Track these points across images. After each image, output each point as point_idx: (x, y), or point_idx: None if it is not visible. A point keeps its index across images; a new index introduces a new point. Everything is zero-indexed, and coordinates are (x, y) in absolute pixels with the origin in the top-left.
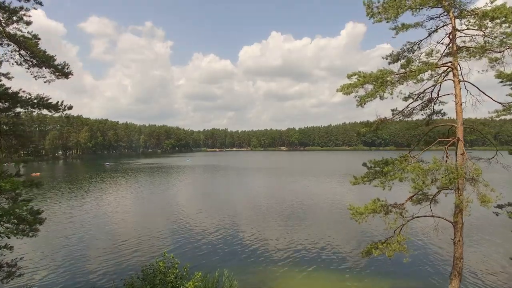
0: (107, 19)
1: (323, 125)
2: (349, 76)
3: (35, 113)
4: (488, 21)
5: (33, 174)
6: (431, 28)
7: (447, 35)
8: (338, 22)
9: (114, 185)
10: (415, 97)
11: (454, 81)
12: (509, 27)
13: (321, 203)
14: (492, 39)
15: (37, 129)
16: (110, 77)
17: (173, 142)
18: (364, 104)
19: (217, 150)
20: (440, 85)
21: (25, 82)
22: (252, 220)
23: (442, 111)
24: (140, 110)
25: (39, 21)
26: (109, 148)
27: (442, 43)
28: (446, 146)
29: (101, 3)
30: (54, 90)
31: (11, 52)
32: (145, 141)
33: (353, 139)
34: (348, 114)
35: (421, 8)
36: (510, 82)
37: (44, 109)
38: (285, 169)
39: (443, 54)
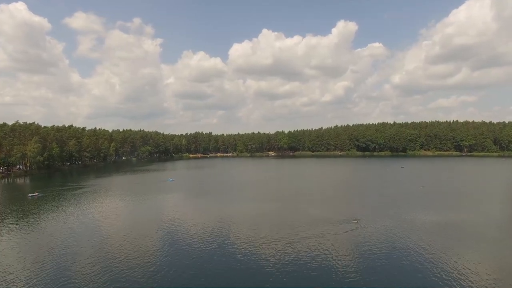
0: (94, 15)
1: (314, 128)
2: None
3: None
4: None
5: None
6: None
7: None
8: (329, 21)
9: None
10: None
11: None
12: None
13: None
14: None
15: None
16: (97, 75)
17: (150, 148)
18: None
19: (200, 156)
20: None
21: (9, 79)
22: None
23: None
24: (129, 108)
25: (21, 15)
26: (70, 160)
27: None
28: None
29: None
30: (39, 88)
31: None
32: (117, 149)
33: (345, 143)
34: (338, 113)
35: None
36: None
37: None
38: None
39: None
